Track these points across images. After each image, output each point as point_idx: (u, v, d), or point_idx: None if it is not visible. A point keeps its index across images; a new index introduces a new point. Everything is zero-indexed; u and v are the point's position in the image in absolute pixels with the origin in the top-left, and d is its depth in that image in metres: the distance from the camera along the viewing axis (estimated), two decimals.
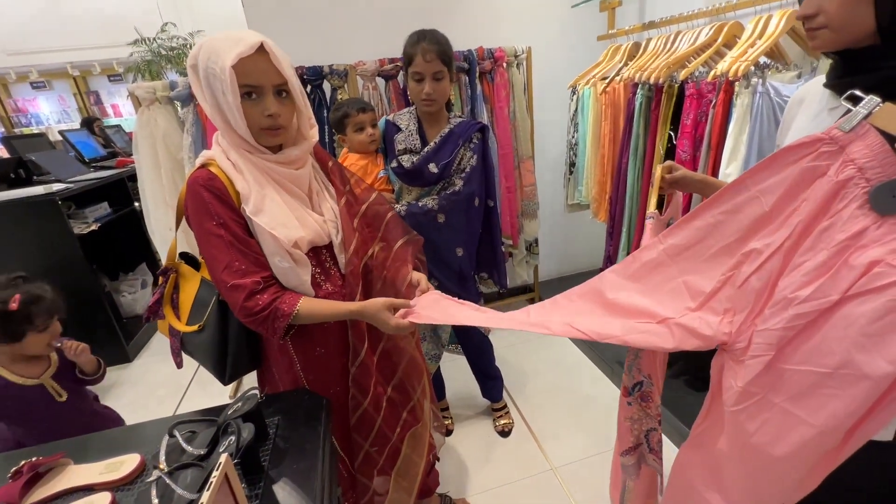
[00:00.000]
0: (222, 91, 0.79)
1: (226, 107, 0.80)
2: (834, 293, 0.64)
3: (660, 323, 0.80)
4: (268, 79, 0.81)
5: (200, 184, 0.84)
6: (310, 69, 1.91)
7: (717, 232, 0.78)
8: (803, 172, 0.70)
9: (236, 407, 0.79)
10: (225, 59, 0.76)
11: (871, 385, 0.63)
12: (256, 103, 0.82)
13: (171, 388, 2.31)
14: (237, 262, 0.84)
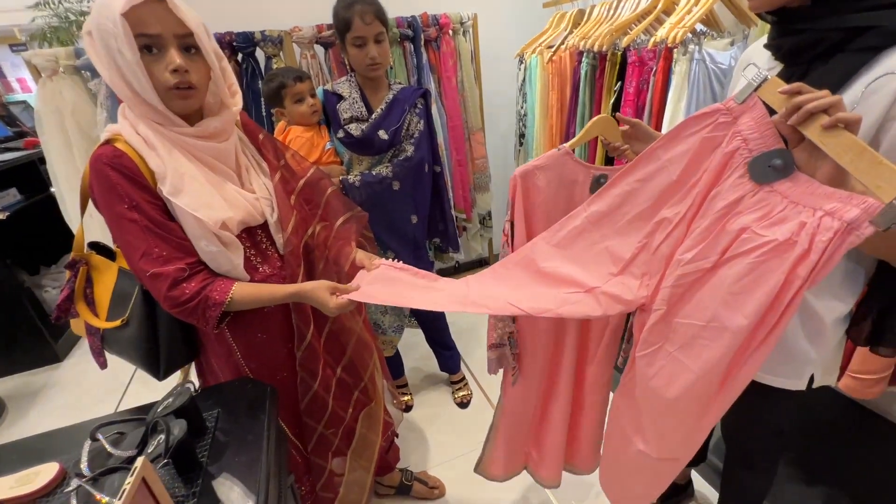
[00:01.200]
0: (118, 49, 0.69)
1: (125, 67, 0.70)
2: (712, 256, 0.71)
3: (587, 292, 0.85)
4: (167, 28, 0.71)
5: (105, 162, 0.74)
6: (239, 35, 1.76)
7: (633, 199, 0.83)
8: (703, 142, 0.74)
9: (167, 403, 0.73)
10: (114, 7, 0.66)
11: (731, 336, 0.70)
12: (158, 59, 0.72)
13: (110, 386, 2.15)
14: (156, 248, 0.76)
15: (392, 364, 1.79)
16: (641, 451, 0.91)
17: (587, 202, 0.88)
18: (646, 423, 0.88)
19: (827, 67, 0.65)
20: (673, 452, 0.89)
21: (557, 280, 0.88)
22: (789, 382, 0.82)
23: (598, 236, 0.87)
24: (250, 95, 1.83)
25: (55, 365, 2.38)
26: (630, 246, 0.84)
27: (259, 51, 1.82)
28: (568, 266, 0.88)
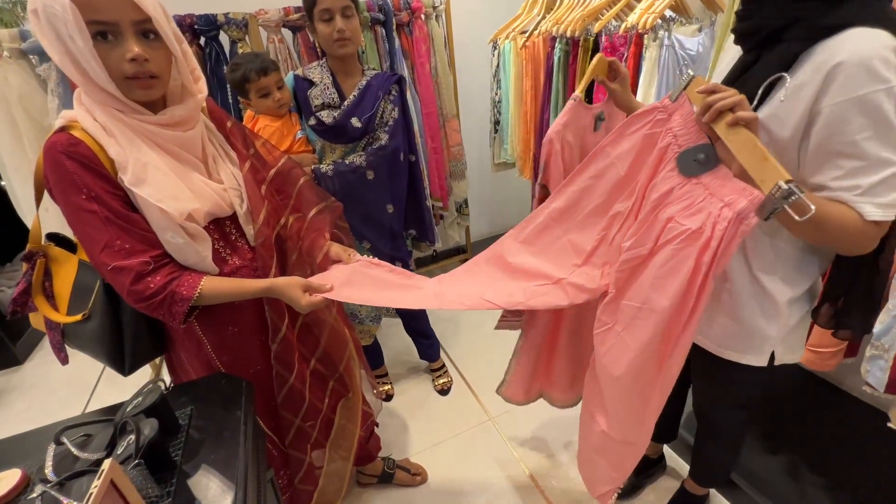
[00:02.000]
0: (68, 35, 0.65)
1: (78, 54, 0.66)
2: (648, 243, 0.78)
3: (555, 284, 0.91)
4: (122, 13, 0.67)
5: (60, 150, 0.70)
6: (201, 18, 1.67)
7: (588, 195, 0.90)
8: (645, 139, 0.80)
9: (136, 402, 0.71)
10: None
11: (658, 317, 0.78)
12: (113, 46, 0.68)
13: (76, 387, 2.07)
14: (118, 240, 0.73)
15: (371, 354, 1.78)
16: (604, 431, 0.96)
17: (549, 199, 0.94)
18: (606, 402, 0.94)
19: (771, 55, 0.67)
20: (628, 436, 0.96)
21: (526, 274, 0.94)
22: (752, 359, 0.87)
23: (560, 231, 0.94)
24: (215, 81, 1.75)
25: (15, 368, 2.27)
26: (590, 238, 0.91)
27: (223, 34, 1.74)
28: (535, 260, 0.94)
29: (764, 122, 0.67)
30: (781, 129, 0.66)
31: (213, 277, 0.82)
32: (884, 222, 0.64)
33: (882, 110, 0.59)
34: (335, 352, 1.08)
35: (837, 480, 1.28)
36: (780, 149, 0.67)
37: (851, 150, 0.62)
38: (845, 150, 0.63)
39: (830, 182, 0.65)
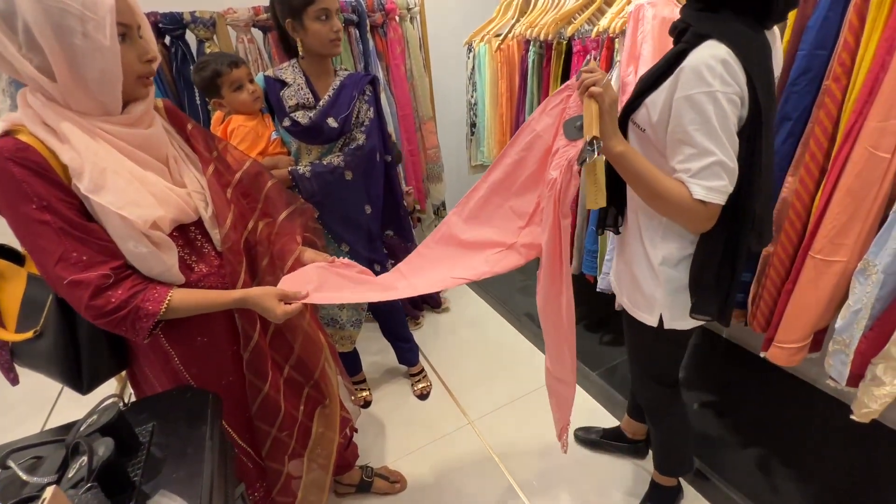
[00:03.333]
0: (82, 31, 0.63)
1: (85, 52, 0.64)
2: (544, 190, 0.94)
3: (509, 248, 1.05)
4: (133, 18, 0.70)
5: (6, 157, 0.65)
6: (165, 16, 1.62)
7: (522, 165, 1.02)
8: (561, 113, 0.94)
9: (90, 421, 0.66)
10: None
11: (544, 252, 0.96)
12: (130, 46, 0.70)
13: (34, 403, 1.96)
14: (75, 252, 0.69)
15: (349, 360, 1.75)
16: (547, 368, 1.13)
17: (485, 175, 1.07)
18: (545, 340, 1.09)
19: (668, 55, 0.80)
20: (558, 372, 1.10)
21: (481, 245, 1.06)
22: (645, 316, 0.98)
23: (500, 200, 1.06)
24: (181, 82, 1.69)
25: None
26: (530, 202, 1.03)
27: (189, 34, 1.68)
28: (484, 231, 1.07)
29: (648, 104, 0.82)
30: (653, 115, 0.81)
31: (182, 290, 0.78)
32: (709, 203, 0.77)
33: (705, 109, 0.73)
34: (310, 358, 1.05)
35: (806, 471, 1.32)
36: (655, 131, 0.82)
37: (687, 139, 0.76)
38: (684, 139, 0.76)
39: (676, 164, 0.79)
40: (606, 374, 1.75)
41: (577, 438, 1.55)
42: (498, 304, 2.35)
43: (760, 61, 0.74)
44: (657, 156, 0.84)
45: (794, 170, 1.12)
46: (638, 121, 0.85)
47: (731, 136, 0.75)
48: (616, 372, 1.76)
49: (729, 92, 0.72)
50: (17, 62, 0.65)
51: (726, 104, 0.72)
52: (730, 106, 0.73)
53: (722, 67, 0.71)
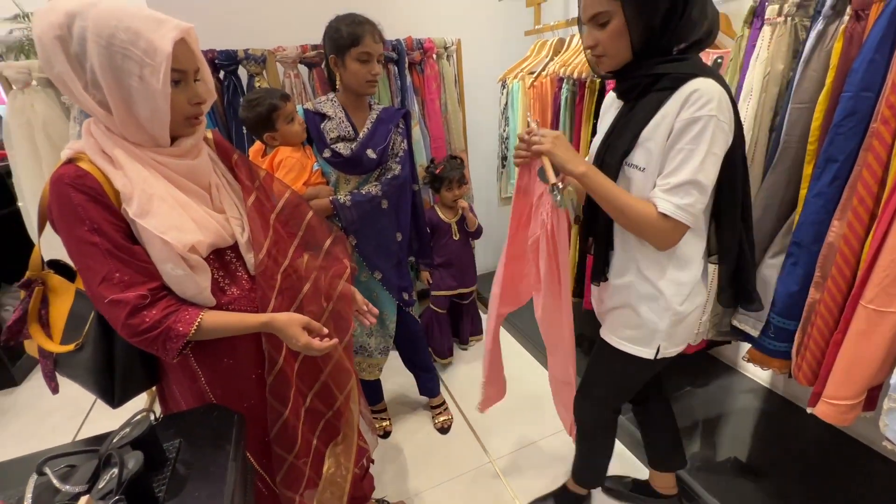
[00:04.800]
0: (139, 75, 0.68)
1: (139, 94, 0.70)
2: (538, 230, 1.03)
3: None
4: (191, 64, 0.76)
5: (67, 182, 0.71)
6: (222, 53, 1.75)
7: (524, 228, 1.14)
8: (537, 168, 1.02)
9: (123, 433, 0.68)
10: (156, 41, 0.68)
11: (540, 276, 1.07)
12: (182, 90, 0.75)
13: (69, 412, 2.03)
14: (117, 272, 0.73)
15: (371, 389, 1.74)
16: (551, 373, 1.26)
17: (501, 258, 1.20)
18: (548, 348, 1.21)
19: (643, 102, 0.86)
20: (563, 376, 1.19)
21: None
22: (642, 350, 1.00)
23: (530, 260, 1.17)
24: (231, 112, 1.81)
25: (11, 389, 2.24)
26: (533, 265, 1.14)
27: (241, 69, 1.81)
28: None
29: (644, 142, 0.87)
30: (656, 147, 0.85)
31: (211, 312, 0.81)
32: (673, 219, 0.82)
33: (703, 131, 0.79)
34: (336, 386, 1.05)
35: None
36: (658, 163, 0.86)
37: (676, 155, 0.82)
38: (675, 155, 0.82)
39: (661, 179, 0.84)
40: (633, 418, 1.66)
41: (606, 489, 1.47)
42: (526, 340, 2.30)
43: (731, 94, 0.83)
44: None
45: (841, 213, 1.07)
46: (635, 162, 0.88)
47: (716, 162, 0.81)
48: None
49: (724, 121, 0.80)
50: (82, 96, 0.71)
51: (720, 132, 0.80)
52: (722, 134, 0.80)
53: (722, 97, 0.79)
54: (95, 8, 0.68)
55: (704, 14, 0.81)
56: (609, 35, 0.83)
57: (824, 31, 1.04)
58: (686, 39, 0.83)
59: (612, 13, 0.81)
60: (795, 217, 1.17)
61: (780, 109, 1.18)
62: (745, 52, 1.19)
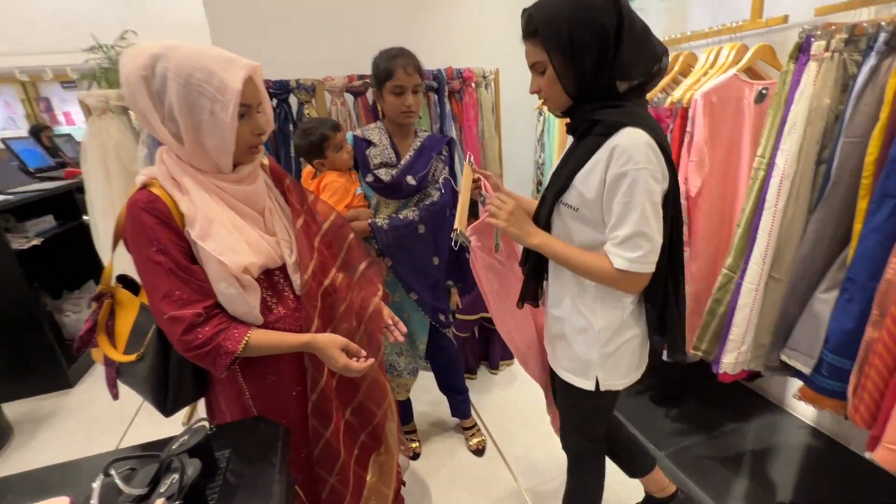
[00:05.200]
0: (210, 110, 0.76)
1: (209, 126, 0.77)
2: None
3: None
4: (256, 98, 0.83)
5: (141, 207, 0.79)
6: (276, 83, 1.87)
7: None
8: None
9: (182, 440, 0.73)
10: (227, 79, 0.75)
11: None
12: (245, 123, 0.82)
13: (117, 416, 2.14)
14: (178, 290, 0.79)
15: (401, 409, 1.75)
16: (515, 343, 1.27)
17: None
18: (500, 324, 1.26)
19: (583, 143, 0.89)
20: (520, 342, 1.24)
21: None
22: (582, 382, 1.02)
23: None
24: (280, 137, 1.92)
25: (66, 391, 2.39)
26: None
27: (292, 97, 1.93)
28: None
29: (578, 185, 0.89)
30: (588, 193, 0.88)
31: (258, 331, 0.85)
32: (629, 272, 0.85)
33: (634, 184, 0.81)
34: (373, 404, 1.07)
35: None
36: (591, 209, 0.89)
37: (616, 210, 0.84)
38: (614, 210, 0.84)
39: (608, 233, 0.87)
40: (675, 455, 1.60)
41: None
42: None
43: (665, 137, 0.86)
44: (590, 231, 0.91)
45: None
46: (568, 201, 0.92)
47: (657, 209, 0.84)
48: (687, 454, 1.60)
49: (654, 170, 0.82)
50: (159, 128, 0.79)
51: (652, 181, 0.82)
52: (654, 183, 0.82)
53: (646, 148, 0.81)
54: (176, 51, 0.75)
55: (641, 56, 0.83)
56: (546, 82, 0.88)
57: (878, 66, 1.03)
58: (626, 80, 0.85)
59: (545, 63, 0.85)
60: (849, 252, 1.13)
61: (828, 143, 1.16)
62: (789, 86, 1.18)
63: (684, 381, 1.91)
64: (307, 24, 2.09)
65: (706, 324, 1.45)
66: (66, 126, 5.84)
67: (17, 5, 4.96)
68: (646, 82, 0.86)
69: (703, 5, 1.84)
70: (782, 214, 1.23)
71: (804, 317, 1.25)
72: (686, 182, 1.42)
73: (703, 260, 1.51)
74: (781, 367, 1.34)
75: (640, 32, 0.82)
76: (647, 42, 0.84)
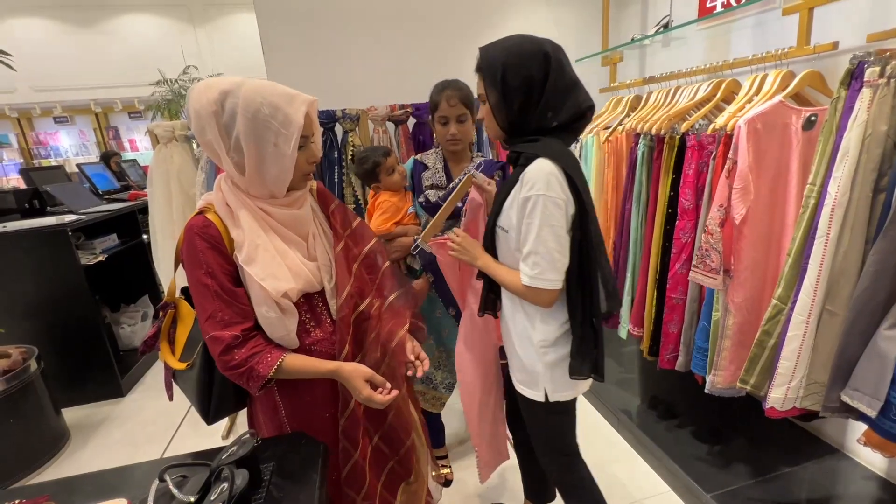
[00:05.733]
0: (274, 142, 0.82)
1: (272, 157, 0.83)
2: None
3: None
4: (311, 129, 0.89)
5: (196, 232, 0.85)
6: (323, 113, 1.99)
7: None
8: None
9: (231, 451, 0.76)
10: (291, 113, 0.82)
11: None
12: (303, 153, 0.88)
13: (162, 425, 2.25)
14: (220, 312, 0.84)
15: (433, 431, 1.74)
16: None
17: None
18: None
19: (513, 172, 1.01)
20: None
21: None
22: (532, 393, 1.10)
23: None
24: (325, 163, 2.03)
25: (118, 399, 2.53)
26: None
27: (338, 125, 2.04)
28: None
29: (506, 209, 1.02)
30: (513, 217, 0.99)
31: (291, 356, 0.89)
32: (533, 287, 0.96)
33: (534, 208, 0.93)
34: (402, 432, 1.07)
35: None
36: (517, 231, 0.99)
37: (523, 230, 0.96)
38: (523, 230, 0.96)
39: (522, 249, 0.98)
40: (724, 499, 1.50)
41: None
42: (592, 395, 2.20)
43: (577, 168, 0.96)
44: (514, 251, 1.01)
45: None
46: (501, 224, 1.03)
47: (556, 232, 0.93)
48: (738, 497, 1.50)
49: (554, 196, 0.92)
50: (224, 159, 0.86)
51: (552, 206, 0.92)
52: (554, 208, 0.92)
53: (548, 177, 0.92)
54: (243, 87, 0.82)
55: (564, 104, 0.96)
56: (485, 112, 1.02)
57: None
58: (546, 125, 0.97)
59: (485, 97, 1.00)
60: None
61: (887, 171, 1.11)
62: (841, 112, 1.14)
63: (730, 416, 1.80)
64: (354, 58, 2.22)
65: (755, 356, 1.38)
66: (131, 152, 6.37)
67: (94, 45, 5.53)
68: (566, 125, 0.98)
69: (746, 32, 1.83)
70: (835, 244, 1.17)
71: (867, 355, 1.16)
72: (729, 209, 1.39)
73: (749, 290, 1.45)
74: (843, 409, 1.25)
75: (564, 86, 0.96)
76: (571, 94, 0.96)
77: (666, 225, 1.67)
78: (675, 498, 1.61)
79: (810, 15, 1.41)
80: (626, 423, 1.93)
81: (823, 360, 1.25)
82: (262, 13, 2.11)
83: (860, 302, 1.16)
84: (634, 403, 2.05)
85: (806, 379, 1.28)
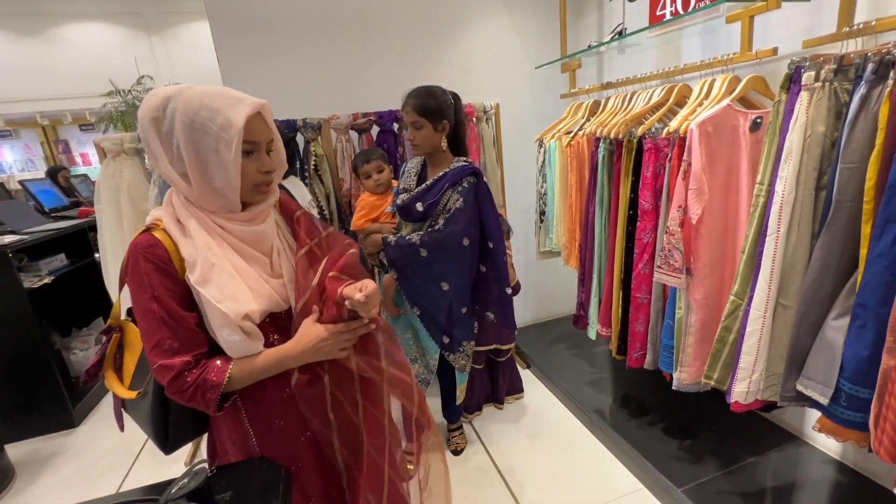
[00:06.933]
0: (215, 148, 0.75)
1: (214, 165, 0.77)
2: None
3: None
4: (264, 136, 0.81)
5: (140, 252, 0.78)
6: (284, 122, 1.94)
7: None
8: None
9: (182, 483, 0.71)
10: (232, 116, 0.74)
11: None
12: (252, 161, 0.80)
13: (120, 455, 2.10)
14: (168, 339, 0.77)
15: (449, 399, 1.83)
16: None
17: None
18: None
19: None
20: None
21: None
22: None
23: None
24: (288, 175, 1.97)
25: (70, 430, 2.36)
26: None
27: (299, 135, 2.00)
28: None
29: None
30: None
31: (242, 359, 0.82)
32: None
33: None
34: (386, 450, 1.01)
35: None
36: None
37: None
38: None
39: None
40: (694, 492, 1.53)
41: None
42: (565, 396, 2.22)
43: None
44: None
45: None
46: None
47: None
48: (707, 489, 1.53)
49: None
50: (167, 169, 0.79)
51: None
52: None
53: None
54: (186, 92, 0.76)
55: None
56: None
57: (868, 94, 1.04)
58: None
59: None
60: (858, 277, 1.12)
61: (827, 169, 1.17)
62: (783, 115, 1.20)
63: (697, 410, 1.85)
64: (313, 66, 2.18)
65: (717, 352, 1.42)
66: (83, 167, 6.04)
67: (40, 55, 5.24)
68: None
69: (695, 39, 1.91)
70: (785, 240, 1.22)
71: (817, 345, 1.22)
72: (686, 210, 1.43)
73: (709, 287, 1.49)
74: (798, 398, 1.30)
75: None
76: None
77: (628, 226, 1.71)
78: (648, 495, 1.64)
79: (751, 22, 1.48)
80: (599, 423, 1.95)
81: (780, 351, 1.30)
82: (216, 21, 2.04)
83: (809, 294, 1.21)
84: (606, 403, 2.08)
85: (765, 371, 1.32)
